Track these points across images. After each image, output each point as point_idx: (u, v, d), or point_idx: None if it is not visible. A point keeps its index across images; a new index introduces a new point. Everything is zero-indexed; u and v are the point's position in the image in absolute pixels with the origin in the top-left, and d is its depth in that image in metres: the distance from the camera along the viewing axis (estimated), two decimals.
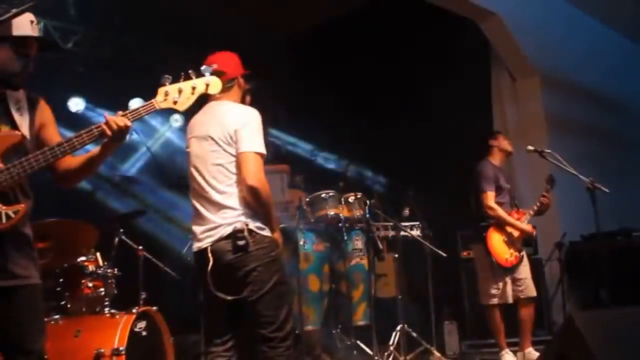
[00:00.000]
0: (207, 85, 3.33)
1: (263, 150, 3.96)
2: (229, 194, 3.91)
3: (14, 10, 2.88)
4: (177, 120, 9.83)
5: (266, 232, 3.94)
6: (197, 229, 4.01)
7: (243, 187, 3.87)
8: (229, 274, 3.85)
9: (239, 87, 4.26)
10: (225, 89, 4.10)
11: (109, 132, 3.13)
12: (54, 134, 3.34)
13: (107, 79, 8.90)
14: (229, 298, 3.85)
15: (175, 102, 3.24)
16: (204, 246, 3.91)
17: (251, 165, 3.87)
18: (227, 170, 3.94)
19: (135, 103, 3.20)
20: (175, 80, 3.26)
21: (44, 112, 3.36)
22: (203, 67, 3.33)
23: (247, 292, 3.84)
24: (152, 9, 8.56)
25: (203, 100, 4.00)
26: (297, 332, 6.46)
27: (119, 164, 9.38)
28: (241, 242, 3.81)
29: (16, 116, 3.19)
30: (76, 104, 8.97)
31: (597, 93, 10.52)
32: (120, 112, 3.19)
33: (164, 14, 8.70)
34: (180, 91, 3.25)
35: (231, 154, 3.93)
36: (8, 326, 3.10)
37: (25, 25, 3.14)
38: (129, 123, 3.15)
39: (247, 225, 3.85)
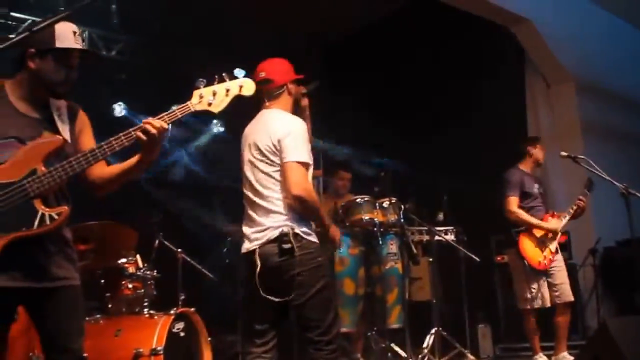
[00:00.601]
0: (241, 87, 3.35)
1: (307, 159, 3.99)
2: (276, 200, 3.97)
3: (49, 20, 2.87)
4: (217, 125, 10.00)
5: (312, 238, 3.99)
6: (247, 230, 4.07)
7: (289, 196, 3.92)
8: (275, 277, 3.89)
9: (289, 94, 4.24)
10: (274, 97, 4.20)
11: (146, 135, 3.14)
12: (90, 140, 3.39)
13: (148, 87, 9.03)
14: (276, 300, 3.88)
15: (209, 104, 3.27)
16: (252, 248, 3.97)
17: (294, 175, 3.91)
18: (274, 179, 3.99)
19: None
20: (209, 83, 3.29)
21: (83, 119, 3.42)
22: (236, 70, 3.39)
23: (293, 296, 3.88)
24: (194, 18, 8.73)
25: (257, 107, 4.12)
26: None
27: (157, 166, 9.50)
28: (287, 246, 3.86)
29: (58, 123, 3.25)
30: (120, 111, 9.20)
31: (631, 98, 10.40)
32: (150, 118, 3.20)
33: (205, 23, 8.84)
34: (214, 93, 3.27)
35: (277, 163, 3.98)
36: (49, 326, 3.18)
37: (68, 37, 3.19)
38: (165, 125, 3.16)
39: (293, 229, 3.90)
